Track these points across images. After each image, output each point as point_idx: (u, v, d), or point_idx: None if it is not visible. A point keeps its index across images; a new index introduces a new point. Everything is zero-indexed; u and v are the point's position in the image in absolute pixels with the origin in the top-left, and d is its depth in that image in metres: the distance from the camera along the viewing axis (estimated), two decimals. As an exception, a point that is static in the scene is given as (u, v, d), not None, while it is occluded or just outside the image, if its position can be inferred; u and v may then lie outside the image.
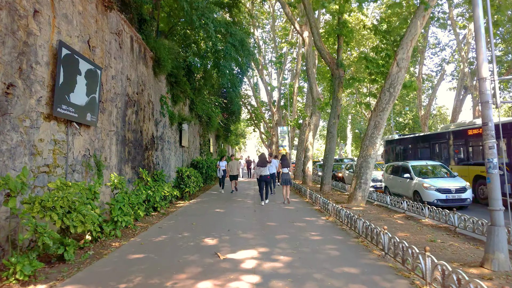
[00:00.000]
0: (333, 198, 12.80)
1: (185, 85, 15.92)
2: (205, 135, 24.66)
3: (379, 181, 15.61)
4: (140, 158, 10.58)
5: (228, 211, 9.57)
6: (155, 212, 9.01)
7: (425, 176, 11.64)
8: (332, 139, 15.29)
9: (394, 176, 12.95)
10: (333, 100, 15.17)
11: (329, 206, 8.92)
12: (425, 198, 10.66)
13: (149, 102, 11.65)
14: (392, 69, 10.68)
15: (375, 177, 15.64)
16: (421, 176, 11.66)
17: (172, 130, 15.15)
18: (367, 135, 11.16)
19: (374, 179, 15.49)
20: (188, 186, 11.98)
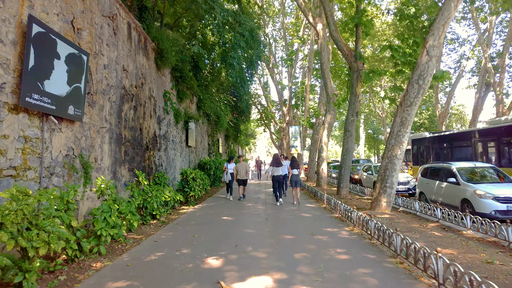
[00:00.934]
0: (352, 203, 11.60)
1: (191, 81, 14.87)
2: (213, 135, 23.61)
3: (402, 184, 14.32)
4: (140, 159, 9.54)
5: (236, 219, 8.45)
6: (154, 220, 7.95)
7: (476, 181, 9.54)
8: (350, 138, 14.06)
9: (433, 181, 10.81)
10: (351, 96, 13.95)
11: (352, 214, 7.73)
12: (479, 208, 8.52)
13: (150, 97, 10.61)
14: (421, 58, 9.44)
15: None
16: (471, 181, 9.52)
17: (177, 129, 14.12)
18: (393, 133, 9.94)
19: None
20: (193, 190, 10.90)
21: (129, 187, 6.82)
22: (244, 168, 12.94)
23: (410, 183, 14.58)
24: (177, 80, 14.02)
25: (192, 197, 10.92)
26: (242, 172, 12.82)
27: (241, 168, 12.86)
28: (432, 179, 11.01)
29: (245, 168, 12.96)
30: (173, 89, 13.57)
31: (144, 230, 6.95)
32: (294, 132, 30.36)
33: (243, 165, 13.01)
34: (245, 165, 13.09)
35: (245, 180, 13.04)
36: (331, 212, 9.75)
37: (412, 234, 6.89)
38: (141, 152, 9.66)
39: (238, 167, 12.87)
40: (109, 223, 5.03)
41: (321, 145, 18.64)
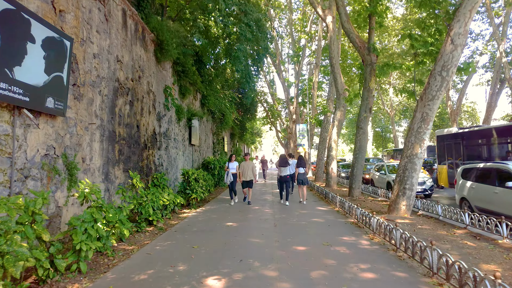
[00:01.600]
0: (366, 206, 10.77)
1: (194, 76, 14.10)
2: (218, 133, 22.86)
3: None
4: (137, 159, 8.79)
5: (242, 225, 7.65)
6: (151, 226, 7.18)
7: None
8: (363, 135, 13.19)
9: (481, 185, 8.78)
10: (364, 91, 13.08)
11: (371, 221, 6.89)
12: None
13: (149, 92, 9.85)
14: (445, 47, 8.55)
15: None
16: None
17: (179, 126, 13.36)
18: (412, 129, 9.07)
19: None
20: (195, 192, 10.12)
21: (120, 191, 6.05)
22: (250, 167, 11.18)
23: (426, 184, 13.65)
24: (179, 75, 13.25)
25: (194, 199, 10.15)
26: (248, 172, 11.11)
27: (246, 168, 11.16)
28: (479, 183, 8.98)
29: (251, 167, 11.19)
30: (174, 84, 12.81)
31: (137, 239, 6.18)
32: (301, 130, 29.44)
33: (249, 165, 11.25)
34: (251, 164, 11.27)
35: (251, 182, 11.20)
36: (345, 216, 8.92)
37: (442, 244, 6.05)
38: (138, 151, 8.90)
39: (243, 166, 11.19)
40: (91, 235, 4.25)
41: (330, 143, 17.77)
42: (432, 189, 13.82)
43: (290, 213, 9.28)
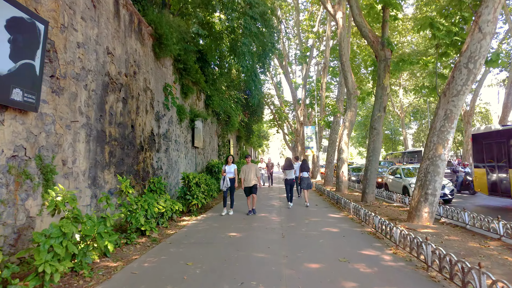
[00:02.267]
0: (381, 212, 9.88)
1: (197, 74, 13.36)
2: (224, 135, 22.10)
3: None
4: (131, 161, 8.03)
5: (245, 236, 6.83)
6: (143, 237, 6.39)
7: None
8: (377, 136, 12.30)
9: None
10: (378, 89, 12.21)
11: (393, 231, 6.02)
12: None
13: (146, 90, 9.12)
14: (471, 36, 7.68)
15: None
16: None
17: (181, 127, 12.62)
18: (434, 129, 8.19)
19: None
20: (196, 198, 9.33)
21: (103, 198, 5.28)
22: (253, 171, 9.79)
23: (446, 188, 12.66)
24: (180, 73, 12.54)
25: (195, 206, 9.35)
26: (250, 176, 9.75)
27: (249, 172, 9.79)
28: None
29: (254, 171, 9.79)
30: (176, 83, 12.08)
31: (125, 253, 5.39)
32: (309, 133, 28.54)
33: (251, 168, 9.85)
34: (254, 167, 9.87)
35: (255, 187, 9.76)
36: (360, 225, 8.04)
37: (477, 259, 5.17)
38: (133, 153, 8.15)
39: (245, 170, 9.83)
40: (59, 254, 3.47)
41: (340, 145, 16.89)
42: (452, 193, 12.82)
43: (299, 221, 8.43)
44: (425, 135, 52.15)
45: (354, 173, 24.63)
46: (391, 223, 6.39)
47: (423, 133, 52.06)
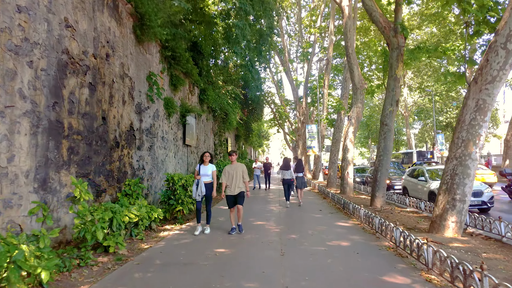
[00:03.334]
0: (396, 219, 8.56)
1: (188, 64, 12.06)
2: (221, 133, 20.78)
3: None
4: (102, 160, 6.73)
5: (235, 253, 5.51)
6: (106, 255, 5.08)
7: None
8: (388, 133, 10.99)
9: None
10: (389, 80, 10.91)
11: (423, 249, 4.70)
12: None
13: (123, 77, 7.82)
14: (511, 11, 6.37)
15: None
16: None
17: (170, 123, 11.33)
18: (463, 122, 6.88)
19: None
20: (181, 203, 7.99)
21: (37, 209, 3.98)
22: (239, 173, 7.19)
23: (484, 194, 10.37)
24: (169, 62, 11.23)
25: (180, 212, 8.03)
26: (236, 181, 7.13)
27: (233, 174, 7.18)
28: None
29: (240, 173, 7.20)
30: (163, 72, 10.79)
31: (71, 282, 4.07)
32: (310, 131, 27.14)
33: (237, 169, 7.26)
34: (240, 168, 7.28)
35: (241, 196, 7.14)
36: (375, 236, 6.72)
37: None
38: (104, 150, 6.85)
39: (227, 172, 7.26)
40: None
41: (346, 144, 15.56)
42: (492, 201, 10.58)
43: (302, 232, 7.10)
44: (429, 135, 50.79)
45: (358, 174, 23.31)
46: (418, 238, 5.09)
47: (427, 133, 50.74)
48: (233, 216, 7.25)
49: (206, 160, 7.36)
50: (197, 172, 7.25)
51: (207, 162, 7.38)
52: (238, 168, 7.29)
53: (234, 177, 7.15)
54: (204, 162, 7.37)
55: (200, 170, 7.27)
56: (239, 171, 7.23)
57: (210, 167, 7.39)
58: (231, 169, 7.28)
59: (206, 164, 7.36)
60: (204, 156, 7.40)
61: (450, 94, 39.20)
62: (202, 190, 7.08)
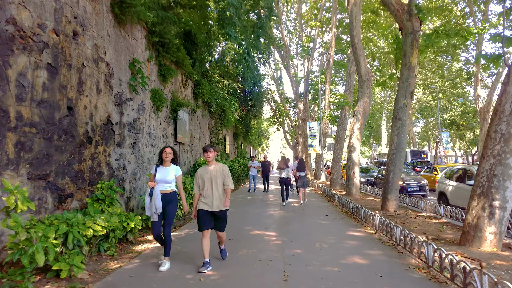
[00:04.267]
0: (414, 227, 7.46)
1: (178, 52, 10.91)
2: (218, 131, 19.63)
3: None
4: (68, 159, 5.57)
5: (227, 277, 4.35)
6: (57, 281, 3.92)
7: None
8: (401, 129, 9.84)
9: None
10: (403, 69, 9.76)
11: (476, 279, 3.55)
12: None
13: (98, 61, 6.65)
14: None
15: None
16: None
17: (158, 117, 10.19)
18: (502, 113, 5.73)
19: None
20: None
21: None
22: (219, 178, 4.86)
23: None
24: (157, 50, 10.08)
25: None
26: (213, 190, 4.81)
27: (210, 179, 4.84)
28: None
29: (219, 178, 4.87)
30: (150, 61, 9.63)
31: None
32: (312, 129, 25.93)
33: (215, 171, 4.89)
34: (220, 171, 4.91)
35: (221, 217, 4.84)
36: (396, 250, 5.57)
37: None
38: (71, 146, 5.69)
39: (201, 176, 4.90)
40: None
41: (351, 141, 14.40)
42: None
43: (308, 245, 5.94)
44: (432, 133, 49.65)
45: (361, 173, 22.15)
46: (466, 263, 3.95)
47: (430, 131, 49.63)
48: (205, 244, 4.70)
49: (167, 159, 4.98)
50: (153, 177, 4.94)
51: (168, 162, 5.02)
52: (217, 171, 4.83)
53: (212, 184, 4.75)
54: (164, 162, 5.01)
55: (156, 174, 4.92)
56: (218, 175, 4.80)
57: (173, 170, 5.00)
58: (207, 172, 4.81)
59: (166, 164, 5.01)
60: (163, 152, 4.99)
61: (455, 91, 38.07)
62: (157, 204, 4.68)
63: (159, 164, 5.05)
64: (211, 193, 4.74)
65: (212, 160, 4.89)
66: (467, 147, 43.48)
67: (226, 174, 4.87)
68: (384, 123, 55.08)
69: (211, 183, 4.78)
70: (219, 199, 4.75)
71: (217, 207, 4.73)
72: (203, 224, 4.67)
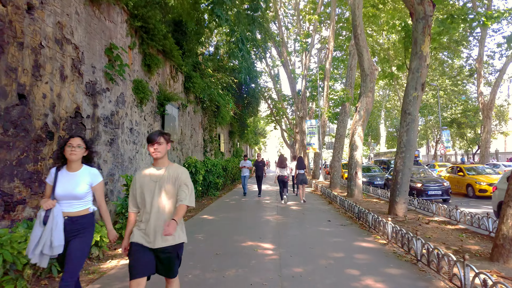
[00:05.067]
0: (430, 235, 6.51)
1: (165, 40, 9.92)
2: (211, 128, 18.63)
3: None
4: (17, 158, 4.56)
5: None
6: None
7: None
8: (411, 124, 8.88)
9: None
10: (413, 59, 8.81)
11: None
12: None
13: (62, 42, 5.64)
14: None
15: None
16: None
17: (142, 112, 9.19)
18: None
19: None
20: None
21: None
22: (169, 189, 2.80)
23: None
24: (141, 37, 9.08)
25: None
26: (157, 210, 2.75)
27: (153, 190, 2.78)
28: None
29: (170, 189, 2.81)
30: (132, 48, 8.63)
31: None
32: (310, 127, 24.91)
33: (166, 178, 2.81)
34: (173, 175, 2.83)
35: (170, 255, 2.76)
36: (417, 268, 4.61)
37: None
38: (24, 143, 4.68)
39: (137, 184, 2.84)
40: None
41: (353, 139, 13.41)
42: None
43: (311, 260, 4.94)
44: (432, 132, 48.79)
45: (363, 173, 21.21)
46: None
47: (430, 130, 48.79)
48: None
49: (74, 158, 2.96)
50: (49, 190, 2.98)
51: (77, 162, 3.02)
52: (169, 177, 2.82)
53: (157, 199, 2.77)
54: (69, 163, 3.00)
55: (57, 184, 2.93)
56: (168, 184, 2.80)
57: (86, 176, 3.05)
58: (151, 178, 2.83)
59: (74, 167, 3.01)
60: (66, 146, 2.95)
61: (457, 88, 37.28)
62: (54, 238, 2.75)
63: (60, 166, 2.98)
64: (154, 216, 2.71)
65: (162, 157, 2.82)
66: (467, 146, 42.62)
67: (183, 182, 2.79)
68: (382, 121, 54.24)
69: (154, 197, 2.73)
70: (164, 224, 2.63)
71: (163, 240, 2.68)
72: (136, 268, 2.64)
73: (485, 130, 27.25)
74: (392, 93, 43.48)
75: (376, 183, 17.30)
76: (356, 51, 15.02)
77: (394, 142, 52.73)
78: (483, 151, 27.50)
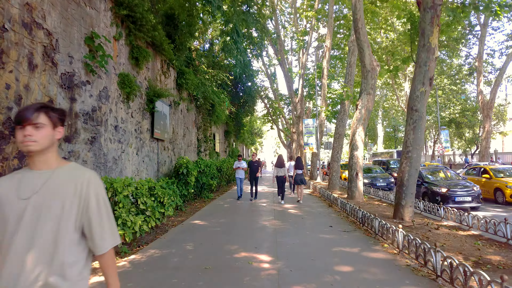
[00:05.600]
0: (444, 243, 5.90)
1: (154, 32, 9.24)
2: (206, 127, 17.93)
3: None
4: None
5: None
6: None
7: None
8: (418, 122, 8.27)
9: None
10: (420, 52, 8.20)
11: None
12: None
13: (31, 27, 4.97)
14: None
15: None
16: None
17: (129, 108, 8.51)
18: None
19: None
20: (123, 224, 5.14)
21: None
22: (65, 210, 1.47)
23: None
24: (128, 27, 8.40)
25: (121, 237, 5.20)
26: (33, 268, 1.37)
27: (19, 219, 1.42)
28: None
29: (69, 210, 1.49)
30: (118, 39, 7.95)
31: None
32: (308, 126, 24.27)
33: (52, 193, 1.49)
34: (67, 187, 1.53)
35: None
36: (436, 285, 3.98)
37: None
38: (-21, 140, 4.00)
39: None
40: None
41: (354, 139, 12.79)
42: None
43: (315, 276, 4.29)
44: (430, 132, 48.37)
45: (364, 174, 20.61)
46: None
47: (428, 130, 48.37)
48: None
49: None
50: None
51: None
52: (55, 189, 1.52)
53: (23, 233, 1.41)
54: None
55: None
56: (55, 205, 1.48)
57: None
58: (15, 194, 1.49)
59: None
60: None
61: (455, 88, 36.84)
62: None
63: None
64: (15, 269, 1.39)
65: (42, 153, 1.57)
66: (466, 145, 42.20)
67: (94, 202, 1.55)
68: (380, 121, 53.80)
69: (19, 229, 1.43)
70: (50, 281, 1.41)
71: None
72: None
73: (485, 130, 26.80)
74: (390, 93, 42.96)
75: (378, 185, 16.56)
76: (356, 47, 14.46)
77: (391, 142, 52.33)
78: (483, 151, 27.04)
